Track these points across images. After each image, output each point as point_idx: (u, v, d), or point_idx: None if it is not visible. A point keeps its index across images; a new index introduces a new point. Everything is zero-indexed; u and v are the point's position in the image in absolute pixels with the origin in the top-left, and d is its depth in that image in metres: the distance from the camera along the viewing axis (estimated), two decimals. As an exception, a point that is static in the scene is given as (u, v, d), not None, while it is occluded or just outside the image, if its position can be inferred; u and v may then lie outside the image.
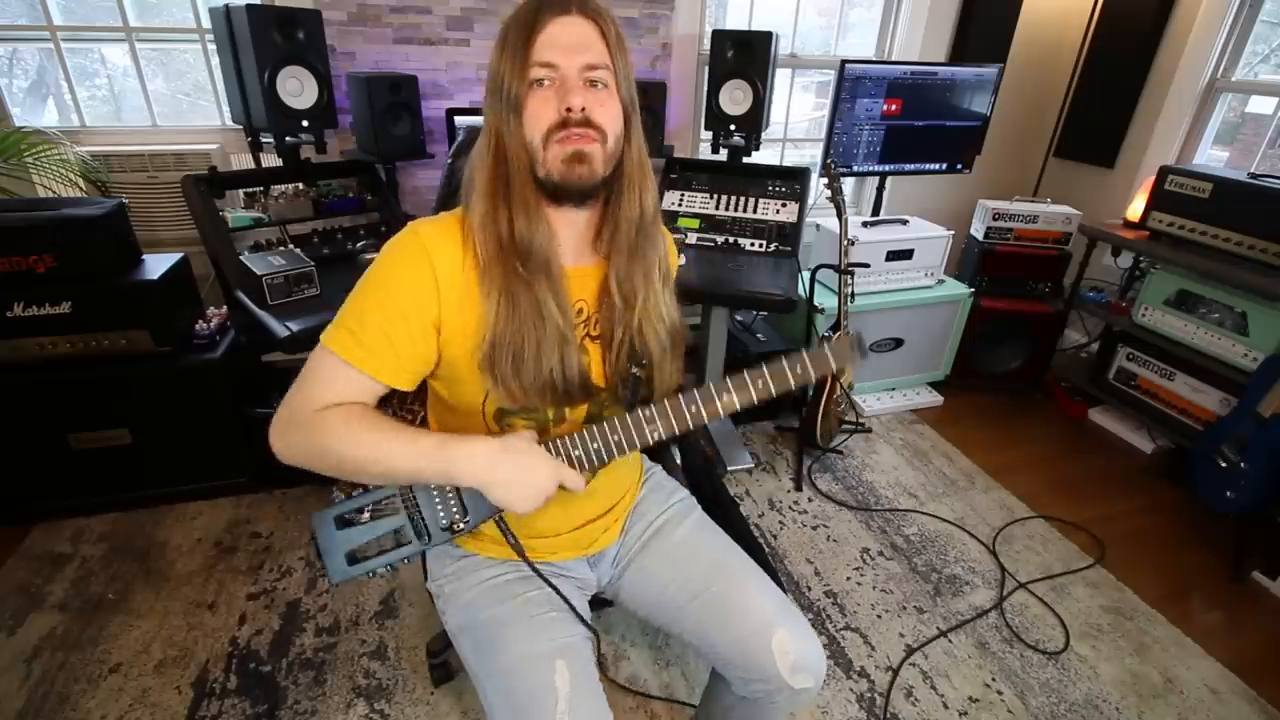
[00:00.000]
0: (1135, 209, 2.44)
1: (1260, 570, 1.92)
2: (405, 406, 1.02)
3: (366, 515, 0.84)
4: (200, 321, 1.97)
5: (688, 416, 0.83)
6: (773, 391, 0.83)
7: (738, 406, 0.83)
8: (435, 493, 0.85)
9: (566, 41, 0.76)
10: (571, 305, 0.86)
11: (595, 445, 0.84)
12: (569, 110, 0.76)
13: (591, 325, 0.91)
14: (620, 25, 0.81)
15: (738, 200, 2.27)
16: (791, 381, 0.83)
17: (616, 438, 0.84)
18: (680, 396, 0.84)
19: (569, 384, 0.84)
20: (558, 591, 0.95)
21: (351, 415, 0.79)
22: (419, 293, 0.80)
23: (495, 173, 0.80)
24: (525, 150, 0.79)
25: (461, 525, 0.85)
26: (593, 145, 0.79)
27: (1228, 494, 1.93)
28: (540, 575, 0.93)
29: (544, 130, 0.77)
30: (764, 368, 0.83)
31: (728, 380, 0.83)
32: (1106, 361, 2.57)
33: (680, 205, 2.30)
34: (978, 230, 2.75)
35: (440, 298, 0.81)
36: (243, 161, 2.28)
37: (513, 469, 0.79)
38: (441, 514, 0.85)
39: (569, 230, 0.87)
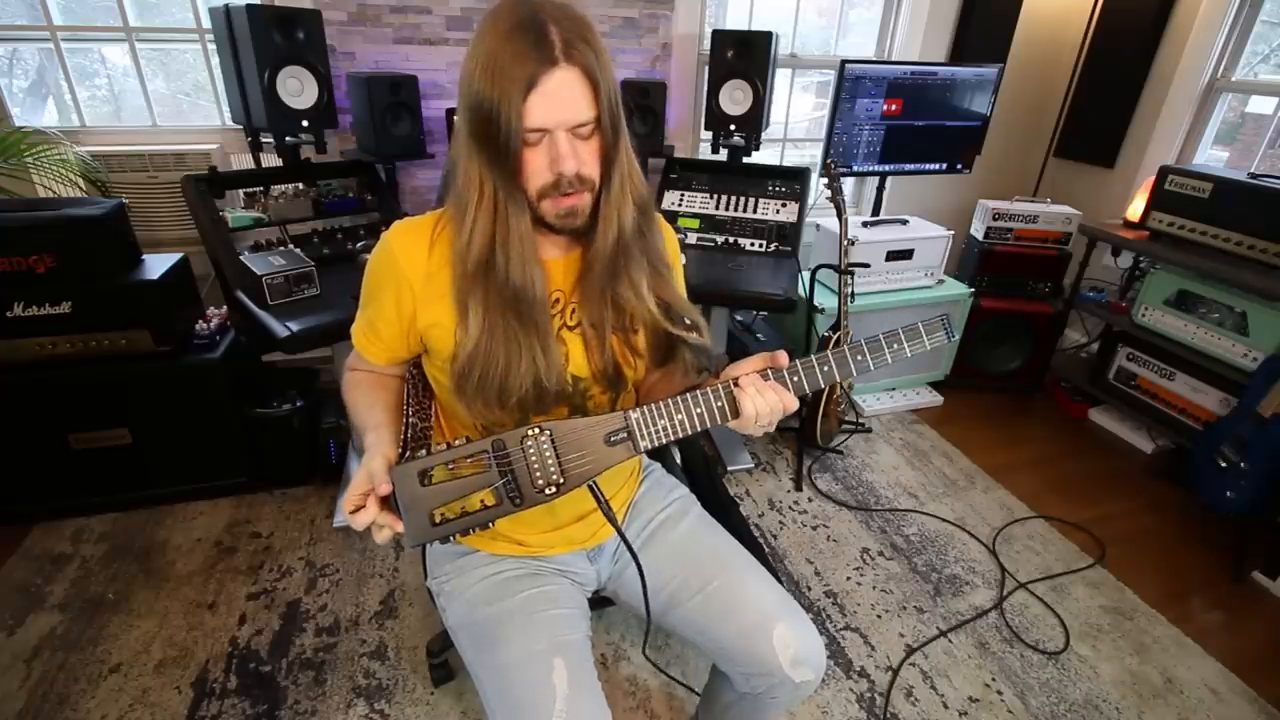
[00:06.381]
0: (1135, 209, 2.44)
1: (1260, 570, 1.92)
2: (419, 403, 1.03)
3: (452, 470, 0.75)
4: (200, 321, 1.98)
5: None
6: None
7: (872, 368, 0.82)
8: (532, 449, 0.77)
9: (557, 103, 0.74)
10: (549, 300, 0.88)
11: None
12: (561, 174, 0.78)
13: (568, 315, 0.91)
14: (602, 40, 0.78)
15: (738, 200, 2.27)
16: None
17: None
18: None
19: (541, 393, 0.85)
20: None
21: (358, 382, 0.97)
22: (395, 300, 0.89)
23: (492, 225, 0.81)
24: (523, 194, 0.80)
25: (556, 486, 0.78)
26: (581, 199, 0.82)
27: (1228, 494, 1.93)
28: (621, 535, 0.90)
29: (539, 188, 0.80)
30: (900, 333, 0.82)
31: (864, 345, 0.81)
32: (1106, 361, 2.57)
33: (680, 205, 2.30)
34: (978, 230, 2.75)
35: (414, 295, 0.88)
36: (243, 161, 2.28)
37: None
38: (539, 474, 0.77)
39: (556, 238, 0.88)
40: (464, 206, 0.81)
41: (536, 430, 0.77)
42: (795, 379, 0.81)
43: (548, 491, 0.77)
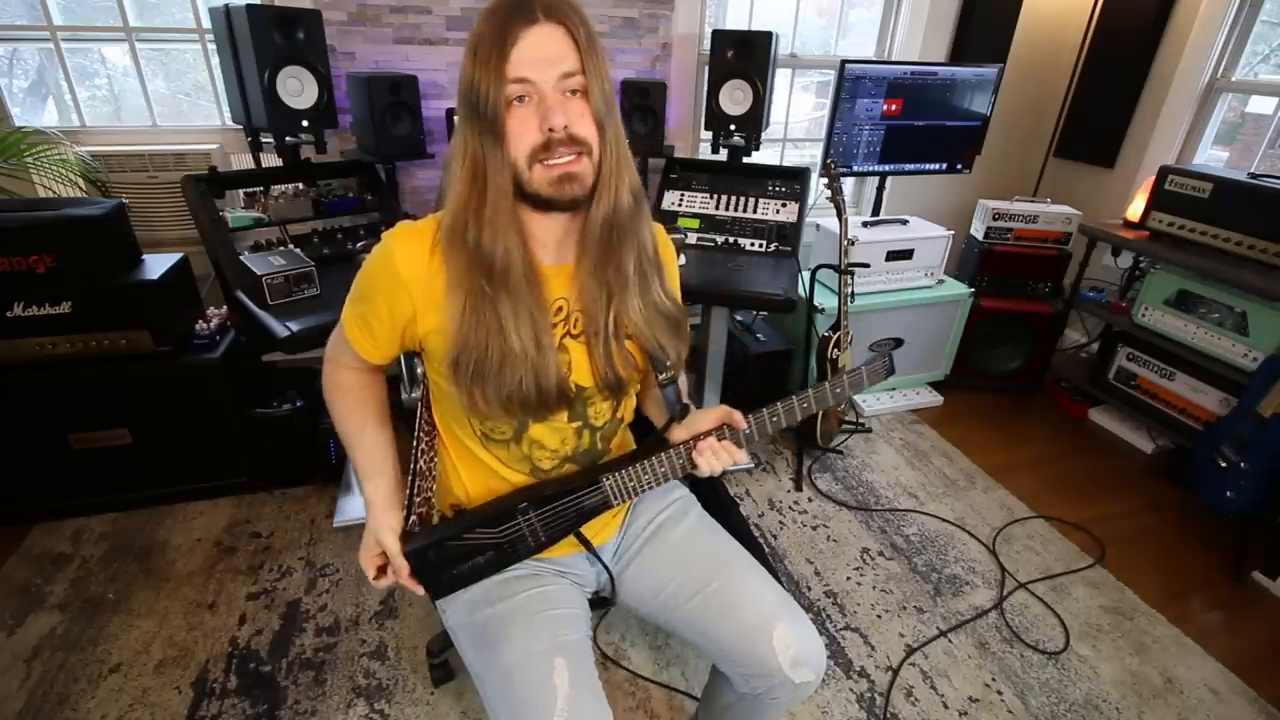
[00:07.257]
0: (1135, 209, 2.44)
1: (1260, 570, 1.92)
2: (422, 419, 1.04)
3: (463, 541, 0.93)
4: (200, 321, 1.98)
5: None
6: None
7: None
8: (524, 523, 0.93)
9: (540, 54, 0.75)
10: (549, 306, 0.87)
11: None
12: (551, 130, 0.76)
13: (572, 323, 0.91)
14: (591, 21, 0.79)
15: (738, 200, 2.27)
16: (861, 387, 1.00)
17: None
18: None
19: (543, 396, 0.85)
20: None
21: (343, 389, 0.99)
22: (389, 306, 0.87)
23: (471, 189, 0.80)
24: (509, 168, 0.79)
25: (542, 540, 0.96)
26: (580, 164, 0.79)
27: (1228, 494, 1.93)
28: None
29: (528, 151, 0.78)
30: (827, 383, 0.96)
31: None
32: (1106, 361, 2.57)
33: (680, 205, 2.30)
34: (978, 230, 2.75)
35: (412, 299, 0.86)
36: (243, 161, 2.28)
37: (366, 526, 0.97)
38: (529, 538, 0.95)
39: (551, 231, 0.87)
40: (451, 180, 0.82)
41: (525, 505, 0.93)
42: (747, 433, 0.93)
43: (538, 547, 0.96)
